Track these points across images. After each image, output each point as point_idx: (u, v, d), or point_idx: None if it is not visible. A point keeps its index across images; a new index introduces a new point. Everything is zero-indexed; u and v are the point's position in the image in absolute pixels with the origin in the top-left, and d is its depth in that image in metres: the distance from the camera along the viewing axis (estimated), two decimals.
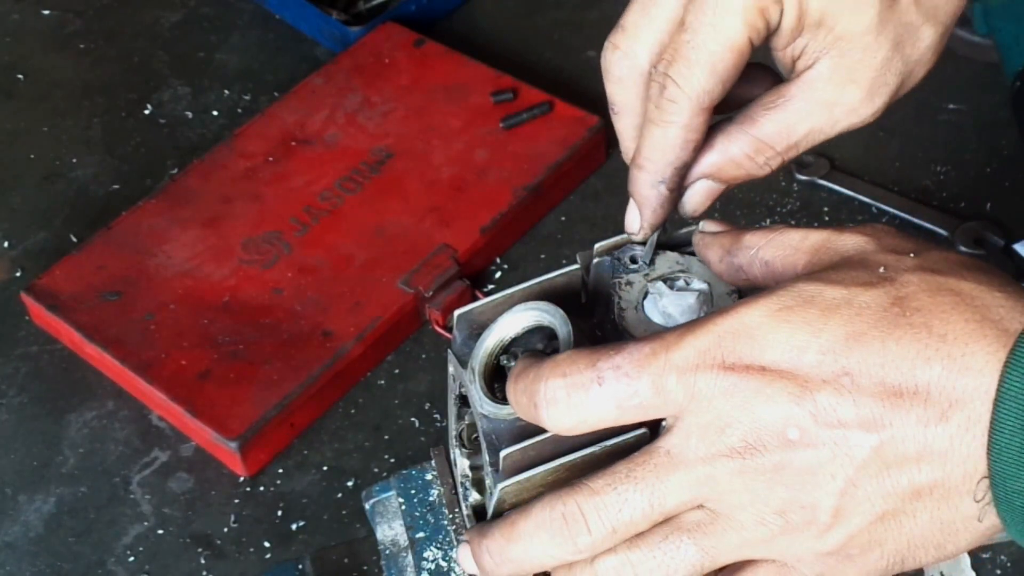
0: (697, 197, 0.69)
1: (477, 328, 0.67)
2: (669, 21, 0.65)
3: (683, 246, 0.70)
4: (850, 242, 0.59)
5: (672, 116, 0.65)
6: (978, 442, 0.53)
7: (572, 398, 0.57)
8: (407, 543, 0.79)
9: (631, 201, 0.69)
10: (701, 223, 0.67)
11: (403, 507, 0.80)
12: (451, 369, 0.70)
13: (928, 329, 0.54)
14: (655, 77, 0.65)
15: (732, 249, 0.64)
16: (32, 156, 1.30)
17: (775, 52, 0.67)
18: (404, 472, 0.82)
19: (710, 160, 0.67)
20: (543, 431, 0.61)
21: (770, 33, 0.65)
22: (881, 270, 0.56)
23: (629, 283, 0.68)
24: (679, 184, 0.68)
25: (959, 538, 0.56)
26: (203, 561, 0.99)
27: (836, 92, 0.66)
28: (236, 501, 1.02)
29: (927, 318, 0.54)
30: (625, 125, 0.69)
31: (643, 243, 0.69)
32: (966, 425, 0.53)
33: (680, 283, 0.68)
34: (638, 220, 0.69)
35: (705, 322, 0.56)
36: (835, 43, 0.65)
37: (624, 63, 0.68)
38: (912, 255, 0.57)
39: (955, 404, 0.53)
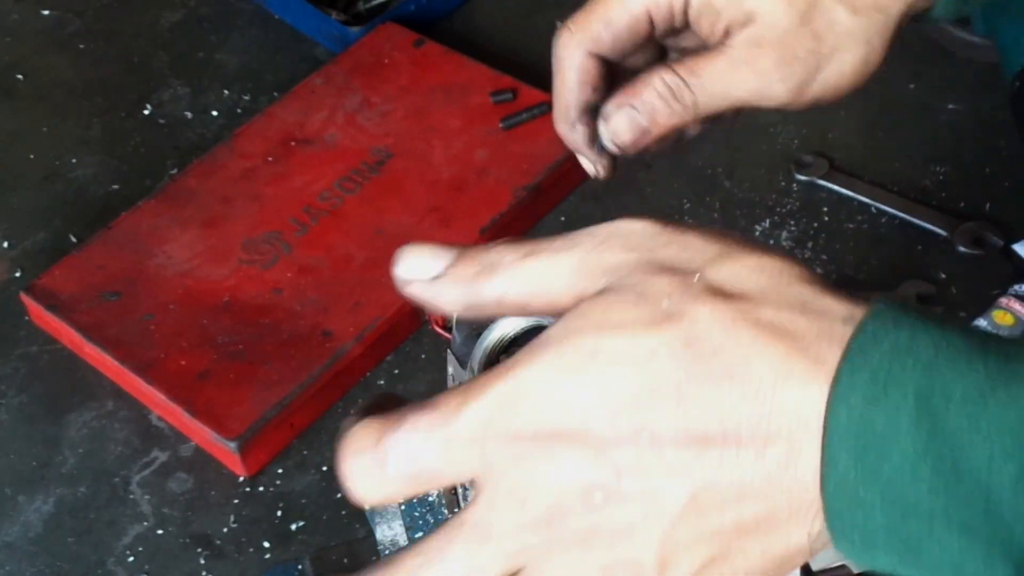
0: (620, 123, 0.75)
1: (477, 328, 0.67)
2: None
3: None
4: (615, 260, 0.53)
5: (565, 60, 0.75)
6: (802, 475, 0.49)
7: (363, 480, 0.53)
8: (407, 543, 0.79)
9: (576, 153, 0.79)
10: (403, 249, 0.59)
11: (403, 507, 0.80)
12: (451, 369, 0.70)
13: (730, 375, 0.49)
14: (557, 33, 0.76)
15: (470, 289, 0.57)
16: (32, 156, 1.30)
17: (700, 34, 0.76)
18: None
19: (635, 87, 0.74)
20: None
21: (679, 21, 0.75)
22: (665, 303, 0.50)
23: None
24: (592, 118, 0.76)
25: (794, 567, 0.53)
26: (203, 561, 0.99)
27: (746, 52, 0.74)
28: (236, 501, 1.02)
29: (726, 361, 0.49)
30: (557, 87, 0.79)
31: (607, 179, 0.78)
32: (785, 460, 0.49)
33: None
34: (589, 164, 0.79)
35: (483, 386, 0.51)
36: (746, 16, 0.74)
37: (574, 43, 0.77)
38: (696, 274, 0.51)
39: (769, 441, 0.49)
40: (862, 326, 0.49)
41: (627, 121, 0.75)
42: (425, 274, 0.57)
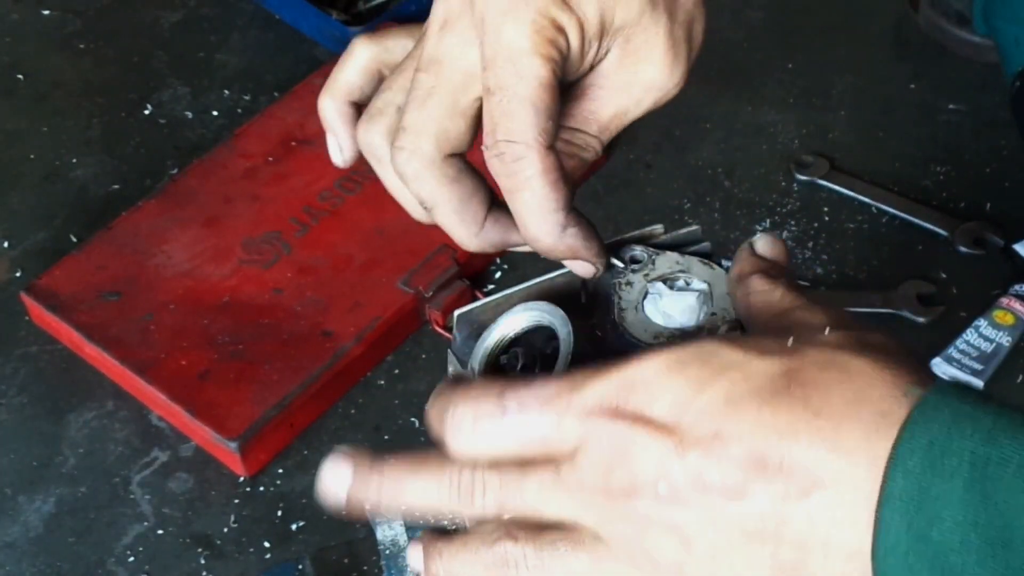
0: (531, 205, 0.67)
1: (477, 328, 0.68)
2: (449, 107, 0.65)
3: (683, 246, 0.70)
4: (799, 315, 0.61)
5: (526, 171, 0.63)
6: (841, 529, 0.53)
7: (476, 427, 0.58)
8: (407, 543, 0.79)
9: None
10: (757, 235, 0.68)
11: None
12: (451, 369, 0.70)
13: (805, 403, 0.54)
14: (489, 152, 0.64)
15: (743, 278, 0.65)
16: (32, 156, 1.30)
17: (577, 72, 0.66)
18: None
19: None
20: None
21: (565, 58, 0.64)
22: (790, 342, 0.57)
23: (629, 283, 0.68)
24: (576, 213, 0.66)
25: None
26: (203, 561, 0.99)
27: (630, 73, 0.66)
28: (236, 501, 1.02)
29: (808, 392, 0.54)
30: (445, 216, 0.68)
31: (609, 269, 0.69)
32: (829, 508, 0.53)
33: (680, 283, 0.68)
34: (589, 267, 0.67)
35: (610, 369, 0.57)
36: (617, 34, 0.65)
37: (415, 161, 0.66)
38: (827, 329, 0.58)
39: (818, 484, 0.53)
40: (925, 396, 0.53)
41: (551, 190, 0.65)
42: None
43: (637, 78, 0.66)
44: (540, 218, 0.64)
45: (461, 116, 0.65)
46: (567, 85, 0.66)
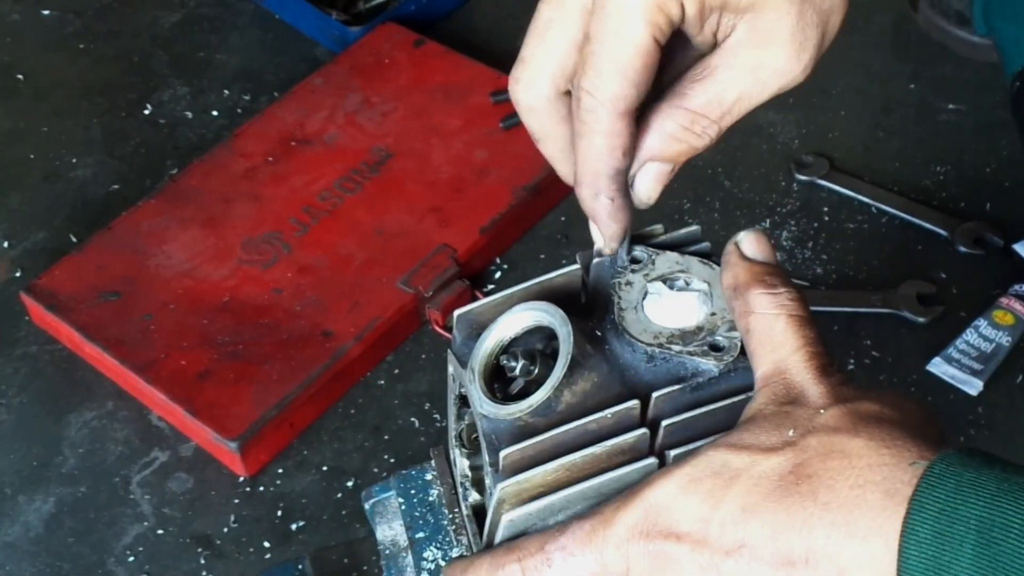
0: (648, 183, 0.68)
1: (477, 328, 0.67)
2: (568, 41, 0.66)
3: (683, 246, 0.70)
4: (796, 383, 0.62)
5: (593, 126, 0.65)
6: None
7: None
8: (407, 543, 0.79)
9: (589, 220, 0.69)
10: (739, 234, 0.67)
11: (403, 507, 0.80)
12: (451, 369, 0.70)
13: (814, 497, 0.56)
14: (573, 93, 0.65)
15: (740, 290, 0.65)
16: (32, 156, 1.30)
17: (694, 39, 0.67)
18: (404, 472, 0.82)
19: (650, 142, 0.67)
20: (543, 431, 0.61)
21: (677, 27, 0.65)
22: (791, 432, 0.59)
23: (629, 283, 0.68)
24: (621, 191, 0.67)
25: None
26: (203, 561, 0.99)
27: (758, 55, 0.65)
28: (236, 501, 1.02)
29: (815, 486, 0.57)
30: (551, 151, 0.70)
31: (612, 255, 0.69)
32: None
33: (680, 283, 0.68)
34: (599, 236, 0.69)
35: (633, 497, 0.60)
36: (746, 11, 0.65)
37: (529, 92, 0.69)
38: (823, 410, 0.59)
39: (843, 569, 0.55)
40: (931, 466, 0.55)
41: (654, 179, 0.68)
42: None
43: (764, 60, 0.65)
44: (584, 170, 0.66)
45: (578, 52, 0.65)
46: (690, 62, 0.66)
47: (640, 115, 0.66)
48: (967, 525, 0.53)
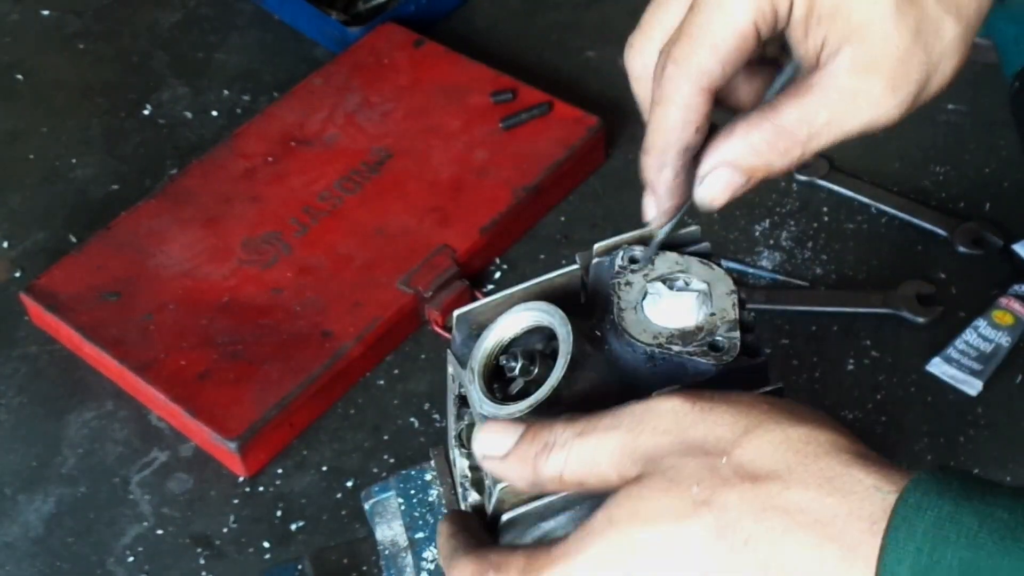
0: (716, 186, 0.66)
1: (477, 328, 0.68)
2: (684, 12, 0.65)
3: (683, 246, 0.70)
4: (650, 444, 0.56)
5: (671, 95, 0.64)
6: None
7: None
8: (406, 543, 0.79)
9: (646, 189, 0.68)
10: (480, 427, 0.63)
11: (402, 507, 0.80)
12: (451, 369, 0.70)
13: (764, 567, 0.51)
14: (659, 60, 0.65)
15: (534, 470, 0.60)
16: (32, 156, 1.30)
17: (796, 48, 0.66)
18: (403, 472, 0.82)
19: (730, 147, 0.65)
20: None
21: (782, 25, 0.64)
22: (694, 490, 0.52)
23: (628, 283, 0.68)
24: (686, 169, 0.66)
25: None
26: (202, 561, 0.99)
27: (857, 81, 0.64)
28: (235, 501, 1.02)
29: (758, 551, 0.51)
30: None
31: (655, 235, 0.69)
32: None
33: (679, 283, 0.68)
34: (652, 207, 0.68)
35: (539, 570, 0.56)
36: (854, 32, 0.63)
37: (639, 60, 0.68)
38: (724, 458, 0.53)
39: None
40: (904, 496, 0.50)
41: (724, 185, 0.66)
42: (497, 451, 0.60)
43: (862, 87, 0.64)
44: (654, 140, 0.65)
45: None
46: (793, 80, 0.65)
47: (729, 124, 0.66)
48: (950, 566, 0.48)
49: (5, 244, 1.22)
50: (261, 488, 1.03)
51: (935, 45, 0.65)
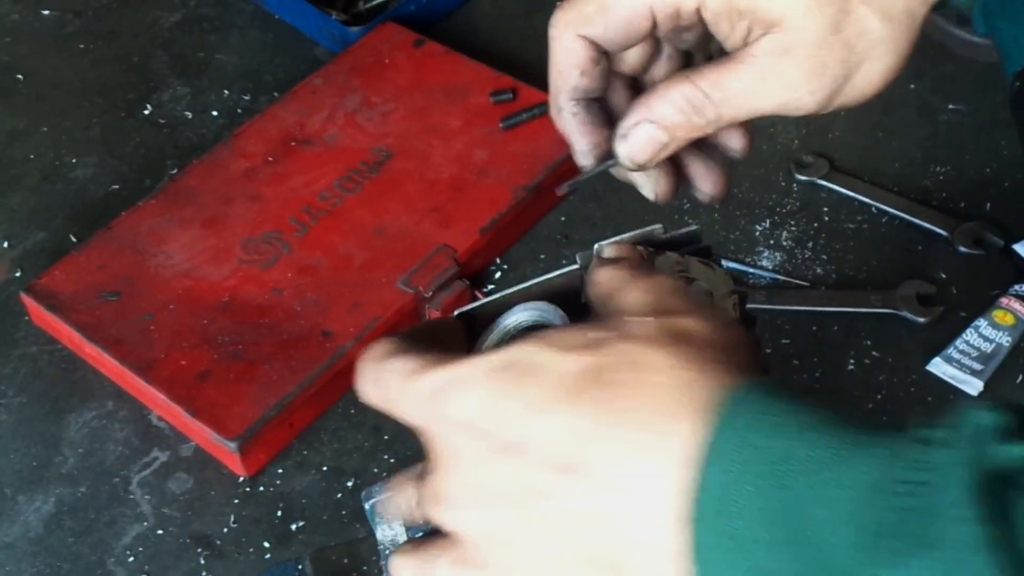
0: (637, 142, 0.70)
1: (476, 328, 0.67)
2: None
3: (683, 246, 0.70)
4: (621, 301, 0.61)
5: (554, 38, 0.71)
6: (657, 529, 0.52)
7: (365, 384, 0.63)
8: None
9: None
10: (600, 246, 0.68)
11: None
12: None
13: (609, 406, 0.54)
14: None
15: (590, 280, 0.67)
16: (32, 156, 1.30)
17: (725, 43, 0.71)
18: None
19: (650, 101, 0.70)
20: None
21: (686, 21, 0.70)
22: (602, 335, 0.56)
23: None
24: (586, 109, 0.72)
25: None
26: (203, 561, 0.99)
27: (772, 61, 0.68)
28: (235, 501, 1.02)
29: (612, 394, 0.54)
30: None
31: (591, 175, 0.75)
32: (641, 508, 0.53)
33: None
34: (580, 155, 0.74)
35: (435, 366, 0.58)
36: (774, 24, 0.68)
37: (556, 26, 0.73)
38: (645, 316, 0.58)
39: (623, 489, 0.53)
40: (730, 395, 0.53)
41: (645, 139, 0.70)
42: None
43: (776, 68, 0.69)
44: (550, 88, 0.73)
45: None
46: (721, 51, 0.72)
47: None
48: (770, 456, 0.50)
49: (5, 244, 1.22)
50: (261, 488, 1.03)
51: (857, 42, 0.69)
